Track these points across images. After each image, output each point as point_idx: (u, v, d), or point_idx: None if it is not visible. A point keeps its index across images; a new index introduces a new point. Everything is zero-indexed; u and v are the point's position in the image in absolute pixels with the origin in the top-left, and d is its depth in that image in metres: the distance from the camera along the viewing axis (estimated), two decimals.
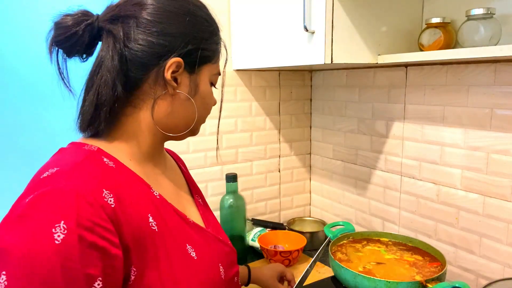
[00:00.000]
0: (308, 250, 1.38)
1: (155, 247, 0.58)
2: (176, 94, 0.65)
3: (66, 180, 0.52)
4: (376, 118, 1.32)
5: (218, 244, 0.73)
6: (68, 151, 0.61)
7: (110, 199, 0.54)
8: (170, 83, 0.63)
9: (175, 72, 0.63)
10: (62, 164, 0.56)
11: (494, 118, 1.00)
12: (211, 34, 0.67)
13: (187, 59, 0.64)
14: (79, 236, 0.48)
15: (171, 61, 0.62)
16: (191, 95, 0.66)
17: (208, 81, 0.69)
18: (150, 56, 0.61)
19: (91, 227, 0.50)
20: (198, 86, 0.67)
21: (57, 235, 0.47)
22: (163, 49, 0.62)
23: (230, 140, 1.43)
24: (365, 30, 1.03)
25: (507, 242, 1.01)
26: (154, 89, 0.64)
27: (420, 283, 0.93)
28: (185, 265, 0.62)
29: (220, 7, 1.35)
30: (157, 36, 0.61)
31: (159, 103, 0.64)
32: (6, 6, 1.08)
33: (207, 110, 0.71)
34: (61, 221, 0.48)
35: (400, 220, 1.29)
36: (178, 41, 0.62)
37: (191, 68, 0.65)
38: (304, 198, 1.66)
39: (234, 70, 1.40)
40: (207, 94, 0.69)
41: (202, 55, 0.65)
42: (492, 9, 0.90)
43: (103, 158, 0.60)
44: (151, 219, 0.59)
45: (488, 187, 1.03)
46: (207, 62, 0.67)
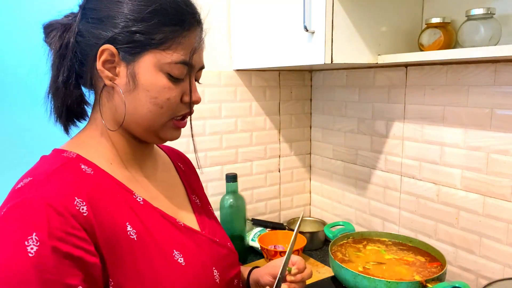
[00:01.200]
0: (308, 250, 1.38)
1: (133, 257, 0.56)
2: (115, 86, 0.59)
3: (37, 190, 0.51)
4: (376, 118, 1.32)
5: (212, 246, 0.70)
6: (46, 159, 0.59)
7: (83, 207, 0.52)
8: (102, 74, 0.58)
9: (112, 62, 0.57)
10: (36, 173, 0.54)
11: (494, 118, 1.00)
12: (153, 14, 0.57)
13: (120, 45, 0.57)
14: (52, 247, 0.47)
15: (101, 48, 0.56)
16: (129, 87, 0.58)
17: (155, 70, 0.58)
18: (87, 46, 0.58)
19: (63, 237, 0.48)
20: (136, 77, 0.58)
21: (30, 248, 0.46)
22: (98, 37, 0.57)
23: (230, 140, 1.43)
24: (365, 30, 1.03)
25: (507, 242, 1.01)
26: (99, 83, 0.61)
27: (420, 283, 0.93)
28: (171, 272, 0.60)
29: (220, 7, 1.35)
30: (92, 24, 0.57)
31: (106, 97, 0.60)
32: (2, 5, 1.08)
33: (159, 105, 0.59)
34: (33, 233, 0.47)
35: (400, 220, 1.29)
36: (110, 26, 0.56)
37: (129, 56, 0.57)
38: (304, 198, 1.66)
39: (234, 70, 1.40)
40: (153, 85, 0.58)
41: (137, 39, 0.56)
42: (492, 9, 0.90)
43: (81, 165, 0.58)
44: (129, 228, 0.57)
45: (488, 187, 1.03)
46: (149, 48, 0.57)
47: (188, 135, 1.41)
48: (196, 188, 0.81)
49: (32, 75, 0.68)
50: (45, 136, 1.16)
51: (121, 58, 0.57)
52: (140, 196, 0.62)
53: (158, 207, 0.64)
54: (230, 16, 1.36)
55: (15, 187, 0.53)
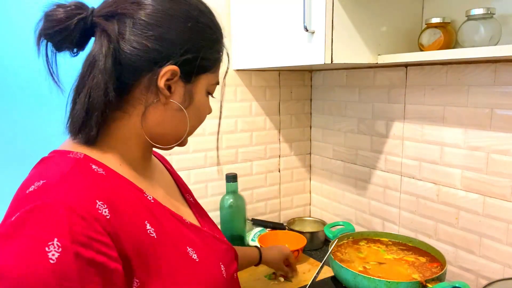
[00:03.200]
0: (308, 250, 1.38)
1: (156, 255, 0.56)
2: (169, 103, 0.60)
3: (55, 193, 0.49)
4: (376, 118, 1.32)
5: (216, 242, 0.72)
6: (53, 161, 0.57)
7: (105, 210, 0.51)
8: (163, 91, 0.59)
9: (170, 80, 0.59)
10: (48, 175, 0.52)
11: (494, 118, 1.00)
12: (213, 43, 0.63)
13: (184, 67, 0.59)
14: (75, 253, 0.45)
15: (166, 68, 0.57)
16: (184, 105, 0.61)
17: (205, 91, 0.64)
18: (143, 61, 0.57)
19: (87, 242, 0.47)
20: (193, 97, 0.62)
21: (51, 254, 0.44)
22: (158, 55, 0.57)
23: (230, 140, 1.43)
24: (365, 30, 1.03)
25: (507, 242, 1.01)
26: (145, 96, 0.59)
27: (420, 283, 0.93)
28: (188, 269, 0.60)
29: (220, 7, 1.35)
30: (153, 41, 0.57)
31: (150, 111, 0.60)
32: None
33: (200, 121, 0.67)
34: (54, 239, 0.45)
35: (400, 220, 1.29)
36: (176, 48, 0.58)
37: (187, 77, 0.61)
38: (304, 198, 1.66)
39: (234, 70, 1.40)
40: (202, 104, 0.65)
41: (200, 65, 0.61)
42: (492, 9, 0.90)
43: (92, 165, 0.56)
44: (148, 226, 0.57)
45: (488, 187, 1.03)
46: (206, 71, 0.63)
47: None
48: (186, 187, 0.83)
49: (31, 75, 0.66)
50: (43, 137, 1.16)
51: (180, 78, 0.60)
52: (150, 195, 0.62)
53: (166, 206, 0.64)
54: (230, 16, 1.36)
55: (24, 191, 0.51)
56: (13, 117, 1.16)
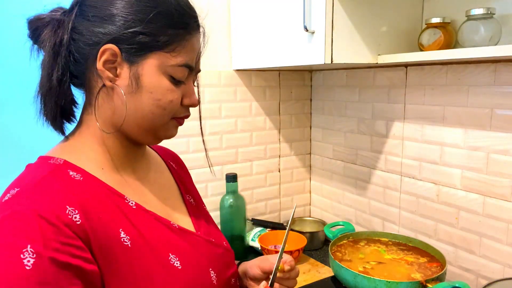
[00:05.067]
0: (308, 250, 1.38)
1: (129, 264, 0.55)
2: (115, 87, 0.57)
3: (26, 201, 0.49)
4: (376, 118, 1.32)
5: (208, 247, 0.69)
6: (32, 168, 0.58)
7: (75, 216, 0.50)
8: (103, 74, 0.56)
9: (113, 62, 0.56)
10: (23, 183, 0.53)
11: (494, 118, 1.00)
12: (161, 16, 0.57)
13: (123, 45, 0.56)
14: (50, 258, 0.46)
15: (103, 48, 0.55)
16: (130, 89, 0.57)
17: (159, 72, 0.58)
18: (86, 45, 0.56)
19: (59, 247, 0.47)
20: (140, 78, 0.57)
21: (26, 260, 0.45)
22: (96, 35, 0.55)
23: (230, 140, 1.43)
24: (365, 30, 1.03)
25: (507, 242, 1.01)
26: (97, 83, 0.58)
27: (420, 283, 0.93)
28: (167, 277, 0.59)
29: (220, 7, 1.35)
30: (93, 22, 0.56)
31: (104, 98, 0.58)
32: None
33: (162, 107, 0.59)
34: (27, 245, 0.46)
35: (400, 220, 1.29)
36: (114, 25, 0.55)
37: (132, 57, 0.57)
38: (304, 198, 1.66)
39: (234, 70, 1.40)
40: (157, 87, 0.58)
41: (142, 41, 0.56)
42: (492, 9, 0.90)
43: (69, 172, 0.55)
44: (123, 234, 0.56)
45: (488, 187, 1.03)
46: (154, 49, 0.57)
47: (187, 135, 1.42)
48: (189, 187, 0.80)
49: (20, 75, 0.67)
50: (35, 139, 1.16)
51: (123, 59, 0.57)
52: (132, 200, 0.60)
53: (151, 210, 0.62)
54: (230, 16, 1.36)
55: (2, 199, 0.51)
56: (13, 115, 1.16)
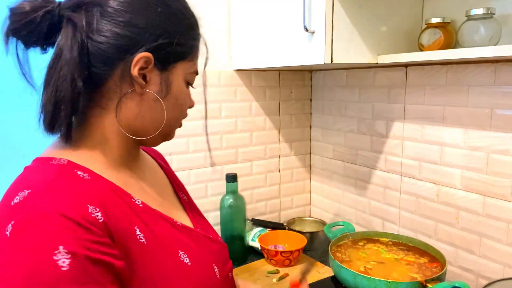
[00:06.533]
0: (308, 250, 1.38)
1: (145, 262, 0.55)
2: (145, 93, 0.58)
3: (44, 202, 0.47)
4: (376, 118, 1.32)
5: (208, 243, 0.70)
6: (35, 169, 0.55)
7: (97, 214, 0.49)
8: (137, 80, 0.57)
9: (144, 68, 0.57)
10: (32, 184, 0.50)
11: (494, 118, 1.00)
12: (187, 28, 0.61)
13: (157, 54, 0.57)
14: (85, 256, 0.45)
15: (139, 55, 0.55)
16: (161, 95, 0.59)
17: (182, 80, 0.62)
18: (115, 49, 0.55)
19: (90, 246, 0.46)
20: (170, 86, 0.60)
21: (61, 262, 0.44)
22: (130, 42, 0.55)
23: (230, 140, 1.43)
24: (365, 30, 1.03)
25: (507, 242, 1.01)
26: (120, 87, 0.57)
27: (420, 283, 0.93)
28: (180, 274, 0.59)
29: (220, 7, 1.35)
30: (123, 27, 0.55)
31: (126, 102, 0.58)
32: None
33: (181, 112, 0.64)
34: (59, 247, 0.44)
35: (400, 220, 1.29)
36: (148, 33, 0.56)
37: (163, 65, 0.59)
38: (304, 198, 1.66)
39: (234, 70, 1.40)
40: (180, 94, 0.62)
41: (175, 51, 0.59)
42: (492, 9, 0.90)
43: (76, 171, 0.54)
44: (138, 232, 0.56)
45: (488, 187, 1.03)
46: (182, 59, 0.61)
47: (187, 135, 1.41)
48: (180, 184, 0.81)
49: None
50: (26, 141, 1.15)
51: (154, 66, 0.58)
52: (139, 199, 0.60)
53: (156, 209, 0.63)
54: (230, 16, 1.36)
55: (9, 202, 0.49)
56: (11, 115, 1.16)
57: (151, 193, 0.66)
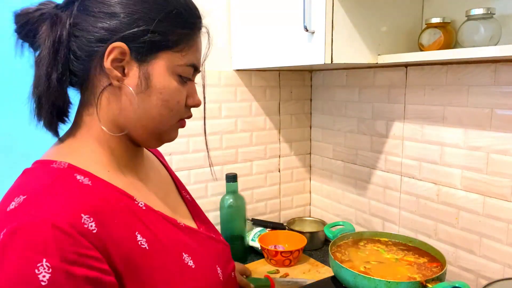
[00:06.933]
0: (308, 250, 1.38)
1: (149, 267, 0.54)
2: (123, 87, 0.56)
3: (37, 210, 0.46)
4: (376, 118, 1.32)
5: (211, 243, 0.69)
6: (35, 173, 0.54)
7: (91, 224, 0.48)
8: (111, 73, 0.54)
9: (121, 60, 0.54)
10: (29, 190, 0.49)
11: (494, 118, 1.00)
12: (171, 16, 0.56)
13: (133, 44, 0.54)
14: (66, 272, 0.44)
15: (111, 46, 0.53)
16: (139, 89, 0.56)
17: (168, 72, 0.57)
18: (90, 42, 0.54)
19: (76, 259, 0.45)
20: (150, 78, 0.56)
21: (41, 276, 0.42)
22: (105, 32, 0.53)
23: (230, 140, 1.43)
24: (365, 30, 1.03)
25: (507, 242, 1.01)
26: (101, 82, 0.56)
27: (420, 283, 0.92)
28: (184, 277, 0.58)
29: (220, 7, 1.35)
30: (99, 18, 0.54)
31: (108, 98, 0.56)
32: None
33: (170, 109, 0.59)
34: (42, 259, 0.43)
35: (400, 220, 1.29)
36: (122, 22, 0.54)
37: (141, 56, 0.55)
38: (304, 198, 1.66)
39: (234, 70, 1.40)
40: (165, 89, 0.57)
41: (154, 40, 0.55)
42: (492, 9, 0.90)
43: (76, 176, 0.53)
44: (139, 237, 0.54)
45: (488, 187, 1.03)
46: (164, 48, 0.56)
47: (187, 135, 1.41)
48: (181, 183, 0.80)
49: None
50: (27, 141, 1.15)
51: (132, 58, 0.55)
52: (141, 201, 0.59)
53: (159, 210, 0.61)
54: (230, 16, 1.36)
55: (5, 208, 0.47)
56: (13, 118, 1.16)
57: (155, 194, 0.65)
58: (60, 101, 0.56)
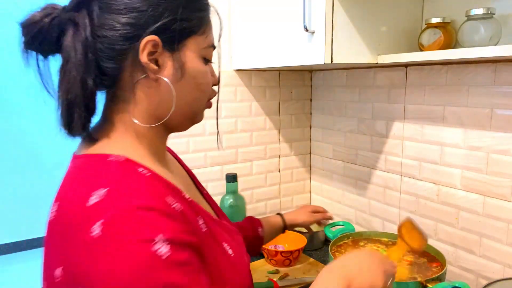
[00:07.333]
0: (308, 250, 1.38)
1: (208, 250, 0.56)
2: (159, 78, 0.56)
3: (127, 197, 0.48)
4: (376, 118, 1.32)
5: (236, 234, 0.71)
6: (95, 166, 0.53)
7: (176, 205, 0.51)
8: (148, 66, 0.54)
9: (154, 53, 0.55)
10: (106, 182, 0.49)
11: (494, 118, 1.00)
12: (189, 1, 0.57)
13: (164, 35, 0.54)
14: (180, 243, 0.47)
15: (144, 41, 0.53)
16: (176, 77, 0.57)
17: (197, 56, 0.59)
18: (120, 40, 0.53)
19: (179, 233, 0.48)
20: (184, 66, 0.57)
21: (160, 251, 0.45)
22: (133, 28, 0.53)
23: (230, 140, 1.43)
24: (365, 30, 1.03)
25: (507, 242, 1.01)
26: (135, 77, 0.56)
27: (420, 283, 0.92)
28: (228, 266, 0.60)
29: (220, 7, 1.35)
30: (124, 15, 0.53)
31: (145, 91, 0.57)
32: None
33: (202, 91, 0.61)
34: (156, 237, 0.45)
35: (400, 220, 1.29)
36: (149, 15, 0.53)
37: (172, 45, 0.56)
38: (304, 198, 1.66)
39: (234, 70, 1.40)
40: (198, 73, 0.59)
41: (182, 27, 0.56)
42: (492, 9, 0.90)
43: (137, 168, 0.53)
44: (200, 222, 0.57)
45: (488, 187, 1.03)
46: (191, 34, 0.57)
47: (188, 135, 1.41)
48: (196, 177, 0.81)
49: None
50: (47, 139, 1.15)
51: (164, 49, 0.55)
52: (187, 194, 0.59)
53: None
54: (231, 16, 1.36)
55: (84, 204, 0.48)
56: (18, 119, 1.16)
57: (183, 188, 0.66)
58: (93, 103, 0.56)
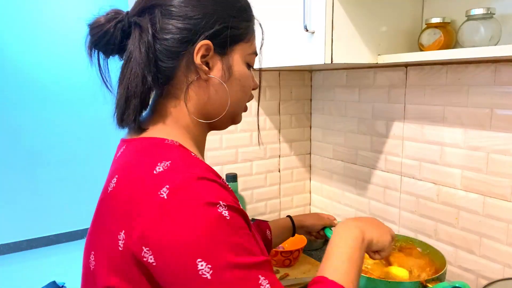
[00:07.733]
0: (308, 250, 1.38)
1: None
2: (210, 79, 0.64)
3: (189, 169, 0.55)
4: (376, 118, 1.32)
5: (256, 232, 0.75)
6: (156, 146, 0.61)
7: (223, 179, 0.59)
8: (201, 68, 0.62)
9: (206, 56, 0.62)
10: (167, 157, 0.57)
11: (494, 118, 1.00)
12: (240, 11, 0.66)
13: (216, 40, 0.63)
14: (237, 209, 0.55)
15: (199, 44, 0.61)
16: (224, 78, 0.65)
17: (242, 61, 0.67)
18: (178, 42, 0.61)
19: (233, 200, 0.56)
20: (232, 68, 0.66)
21: (223, 213, 0.52)
22: (189, 33, 0.61)
23: (230, 140, 1.43)
24: (365, 30, 1.03)
25: (507, 242, 1.01)
26: (187, 77, 0.64)
27: (420, 283, 0.92)
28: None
29: None
30: (182, 21, 0.61)
31: (195, 90, 0.64)
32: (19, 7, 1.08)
33: (246, 93, 0.70)
34: (219, 201, 0.53)
35: (400, 220, 1.29)
36: (204, 22, 0.62)
37: (222, 50, 0.64)
38: (304, 198, 1.66)
39: None
40: (243, 76, 0.68)
41: (232, 34, 0.64)
42: (492, 9, 0.90)
43: (190, 153, 0.61)
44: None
45: (488, 187, 1.03)
46: (239, 41, 0.66)
47: None
48: None
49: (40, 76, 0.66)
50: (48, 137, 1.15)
51: (215, 53, 0.63)
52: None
53: None
54: None
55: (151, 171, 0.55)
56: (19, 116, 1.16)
57: None
58: (148, 98, 0.64)
